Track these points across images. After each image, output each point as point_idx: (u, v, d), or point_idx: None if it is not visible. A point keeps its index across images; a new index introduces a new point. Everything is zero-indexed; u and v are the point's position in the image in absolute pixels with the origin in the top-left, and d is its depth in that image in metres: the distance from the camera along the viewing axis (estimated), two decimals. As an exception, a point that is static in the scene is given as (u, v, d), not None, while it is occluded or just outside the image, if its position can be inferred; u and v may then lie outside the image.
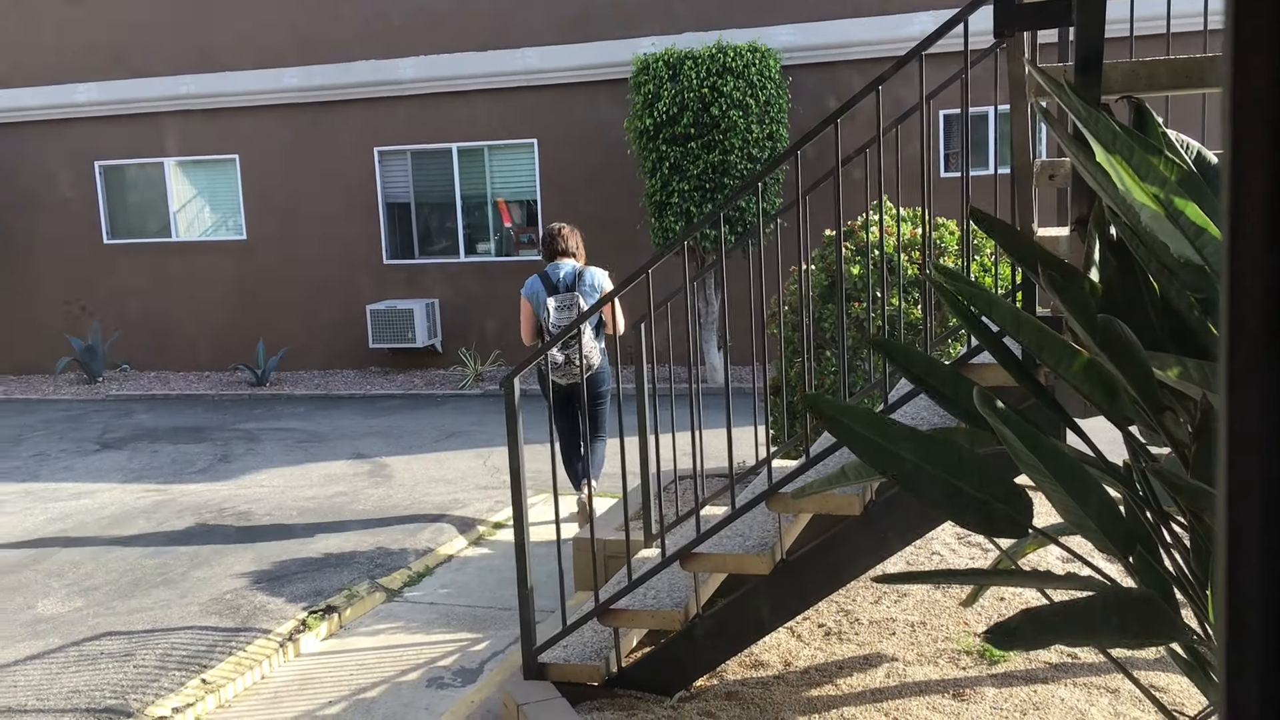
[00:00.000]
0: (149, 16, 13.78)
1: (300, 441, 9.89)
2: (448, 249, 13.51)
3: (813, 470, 3.87)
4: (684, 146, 10.90)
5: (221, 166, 14.01)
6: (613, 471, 7.23)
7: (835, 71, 11.81)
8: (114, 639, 5.22)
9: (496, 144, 13.11)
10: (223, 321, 14.16)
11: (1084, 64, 2.53)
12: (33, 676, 4.82)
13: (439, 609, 5.55)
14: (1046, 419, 3.31)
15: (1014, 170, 3.22)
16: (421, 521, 7.03)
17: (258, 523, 7.16)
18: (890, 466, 2.23)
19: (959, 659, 4.37)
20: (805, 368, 4.05)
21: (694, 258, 11.38)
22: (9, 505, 7.95)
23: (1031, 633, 1.82)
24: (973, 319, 2.30)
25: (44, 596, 5.88)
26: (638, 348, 4.37)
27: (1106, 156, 2.23)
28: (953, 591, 5.08)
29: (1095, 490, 2.11)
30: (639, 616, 4.03)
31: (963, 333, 4.81)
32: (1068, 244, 3.12)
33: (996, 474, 2.22)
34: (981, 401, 2.06)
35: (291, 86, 13.36)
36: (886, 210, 5.87)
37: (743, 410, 4.78)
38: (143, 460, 9.39)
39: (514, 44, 12.74)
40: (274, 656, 4.98)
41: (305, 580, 5.93)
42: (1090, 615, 1.87)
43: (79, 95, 14.00)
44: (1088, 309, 2.18)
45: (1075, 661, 4.26)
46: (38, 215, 14.50)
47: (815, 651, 4.55)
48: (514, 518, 4.10)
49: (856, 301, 5.78)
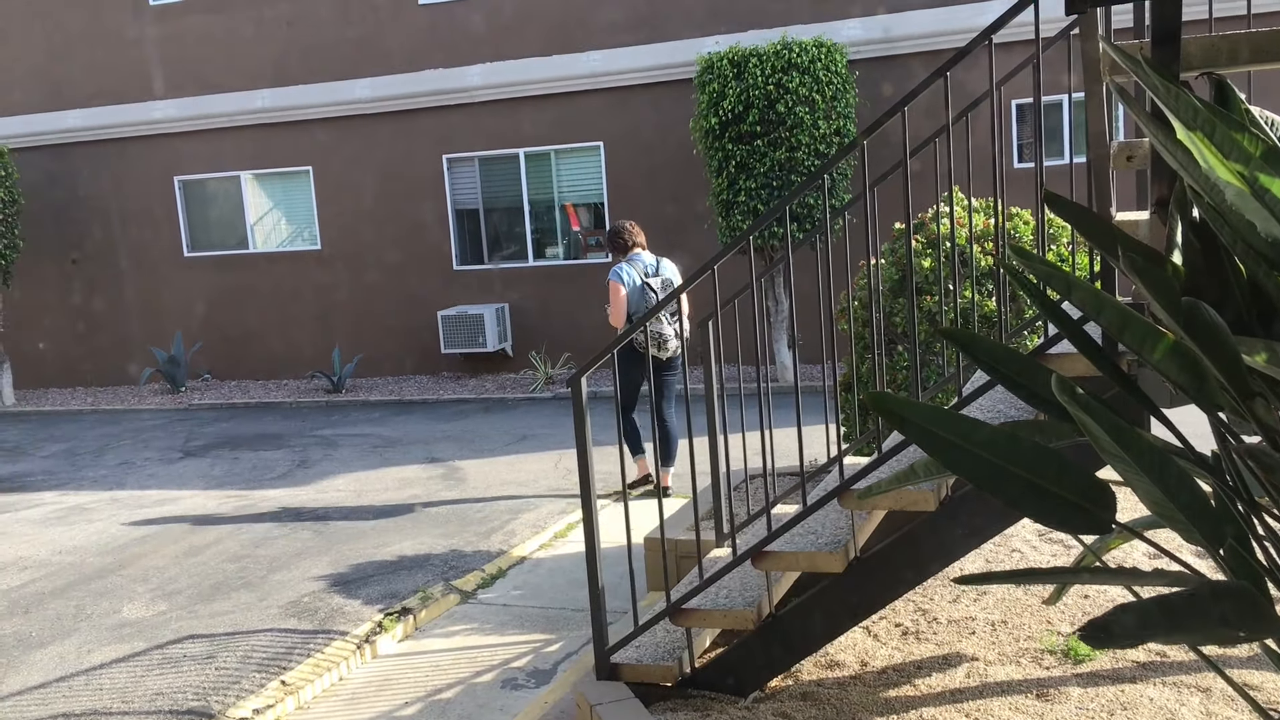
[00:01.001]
0: (224, 33, 14.10)
1: (375, 446, 10.02)
2: (517, 253, 13.60)
3: (885, 466, 3.80)
4: (750, 145, 10.83)
5: (296, 178, 14.27)
6: (682, 471, 7.19)
7: (904, 64, 11.65)
8: (196, 642, 5.32)
9: (563, 148, 13.16)
10: (299, 330, 14.43)
11: (1161, 37, 2.43)
12: (118, 679, 4.93)
13: (512, 610, 5.56)
14: (1130, 409, 3.20)
15: (1090, 153, 3.12)
16: (494, 524, 7.07)
17: (334, 526, 7.26)
18: (961, 463, 2.16)
19: (1042, 658, 4.25)
20: (876, 363, 3.97)
21: (762, 256, 11.30)
22: (96, 513, 8.17)
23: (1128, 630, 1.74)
24: (1050, 304, 2.23)
25: (129, 601, 6.02)
26: (706, 346, 4.33)
27: (1187, 134, 2.14)
28: (1034, 589, 4.95)
29: (1184, 481, 2.02)
30: (711, 616, 3.99)
31: (1039, 324, 4.68)
32: (1148, 227, 3.01)
33: (1077, 467, 2.14)
34: (1060, 389, 1.98)
35: (362, 98, 13.56)
36: (958, 201, 5.75)
37: (813, 408, 4.72)
38: (224, 467, 9.59)
39: (578, 48, 12.79)
40: (351, 658, 5.03)
41: (381, 582, 5.99)
42: (1189, 610, 1.78)
43: (157, 112, 14.37)
44: (1171, 292, 2.09)
45: (1164, 660, 4.12)
46: (121, 230, 14.91)
47: (892, 651, 4.46)
48: (584, 518, 4.08)
49: (928, 295, 5.68)
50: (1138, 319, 2.05)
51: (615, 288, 7.03)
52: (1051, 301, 2.33)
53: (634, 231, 7.17)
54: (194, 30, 14.24)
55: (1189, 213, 2.42)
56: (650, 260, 7.14)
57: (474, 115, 13.37)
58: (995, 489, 2.12)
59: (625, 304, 7.01)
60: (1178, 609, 1.77)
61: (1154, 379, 3.17)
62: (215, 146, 14.38)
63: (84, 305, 15.23)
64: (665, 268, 7.17)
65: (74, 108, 14.68)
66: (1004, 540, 5.61)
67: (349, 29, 13.64)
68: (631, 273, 7.06)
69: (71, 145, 14.83)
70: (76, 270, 15.09)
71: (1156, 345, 2.04)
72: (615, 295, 7.02)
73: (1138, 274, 2.10)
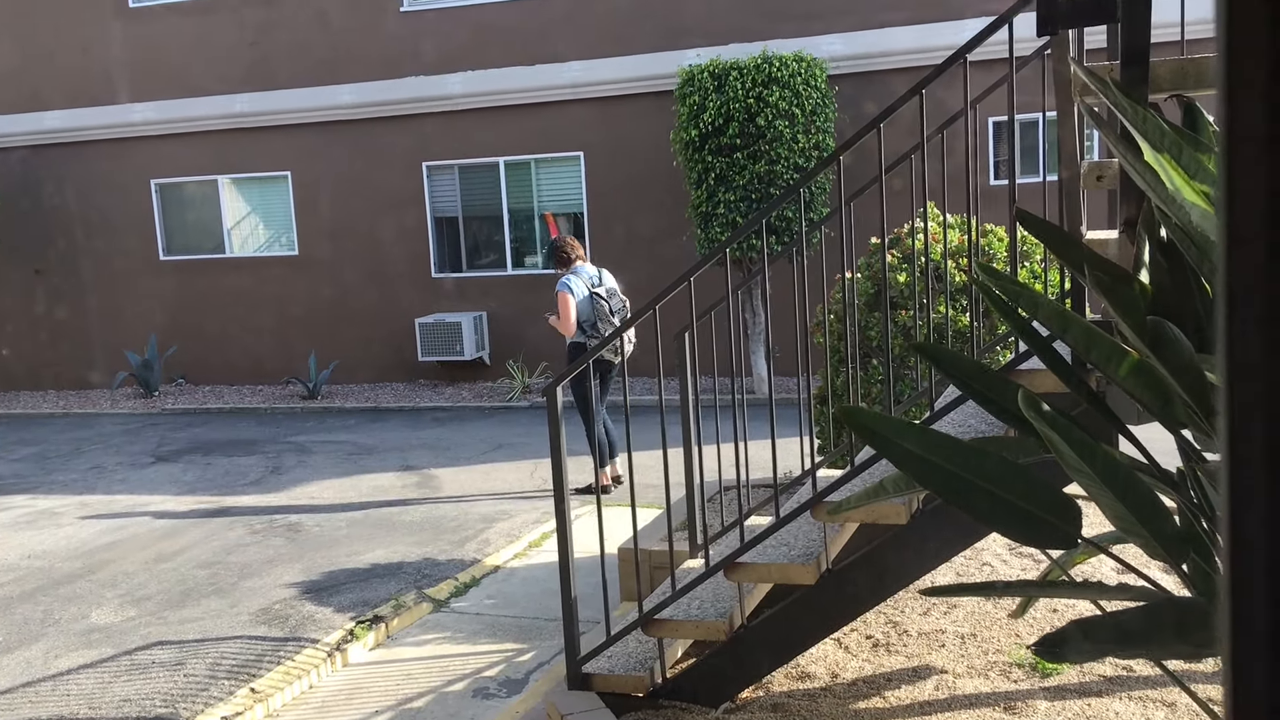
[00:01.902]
0: (204, 36, 14.04)
1: (350, 454, 9.98)
2: (495, 262, 13.60)
3: (857, 480, 3.83)
4: (729, 157, 10.88)
5: (274, 183, 14.21)
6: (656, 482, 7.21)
7: (882, 80, 11.73)
8: (165, 648, 5.28)
9: (543, 157, 13.17)
10: (275, 336, 14.35)
11: (1130, 59, 2.47)
12: (86, 685, 4.89)
13: (485, 619, 5.55)
14: (1097, 426, 3.23)
15: (1061, 171, 3.16)
16: (468, 532, 7.05)
17: (307, 533, 7.22)
18: (931, 478, 2.19)
19: (1010, 672, 4.28)
20: (851, 377, 4.00)
21: (740, 268, 11.35)
22: (65, 517, 8.09)
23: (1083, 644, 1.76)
24: (1019, 321, 2.26)
25: (98, 606, 5.97)
26: (682, 357, 4.35)
27: (1155, 155, 2.18)
28: (1003, 603, 4.99)
29: (1148, 497, 2.06)
30: (683, 627, 4.00)
31: (1012, 340, 4.73)
32: (1117, 246, 3.05)
33: (1044, 483, 2.17)
34: (1028, 405, 2.01)
35: (344, 103, 13.54)
36: (933, 217, 5.80)
37: (788, 420, 4.75)
38: (196, 473, 9.53)
39: (559, 58, 12.81)
40: (322, 666, 5.01)
41: (353, 590, 5.97)
42: (1145, 625, 1.81)
43: (136, 115, 14.29)
44: (1137, 311, 2.13)
45: (1130, 674, 4.16)
46: (96, 232, 14.81)
47: (863, 663, 4.48)
48: (558, 528, 4.09)
49: (903, 309, 5.72)
50: (1104, 338, 2.08)
51: (565, 298, 7.58)
52: (1021, 318, 2.36)
53: (575, 246, 7.86)
54: (174, 33, 14.18)
55: (1156, 233, 2.46)
56: (593, 271, 7.77)
57: (455, 123, 13.37)
58: (964, 503, 2.14)
59: (575, 313, 7.56)
60: (1132, 625, 1.79)
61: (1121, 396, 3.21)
62: (193, 150, 14.31)
63: (57, 308, 15.11)
64: (606, 278, 7.79)
65: (52, 109, 14.58)
66: (974, 554, 5.65)
67: (331, 34, 13.62)
68: (579, 284, 7.62)
69: (49, 146, 14.73)
70: (51, 272, 14.97)
71: (1122, 363, 2.08)
72: (566, 305, 7.57)
73: (1105, 292, 2.13)
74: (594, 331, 7.58)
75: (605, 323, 7.51)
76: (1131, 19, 2.46)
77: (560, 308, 7.59)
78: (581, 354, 6.93)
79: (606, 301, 7.56)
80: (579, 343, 7.64)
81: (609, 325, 7.45)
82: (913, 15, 11.69)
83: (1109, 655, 1.78)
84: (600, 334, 7.44)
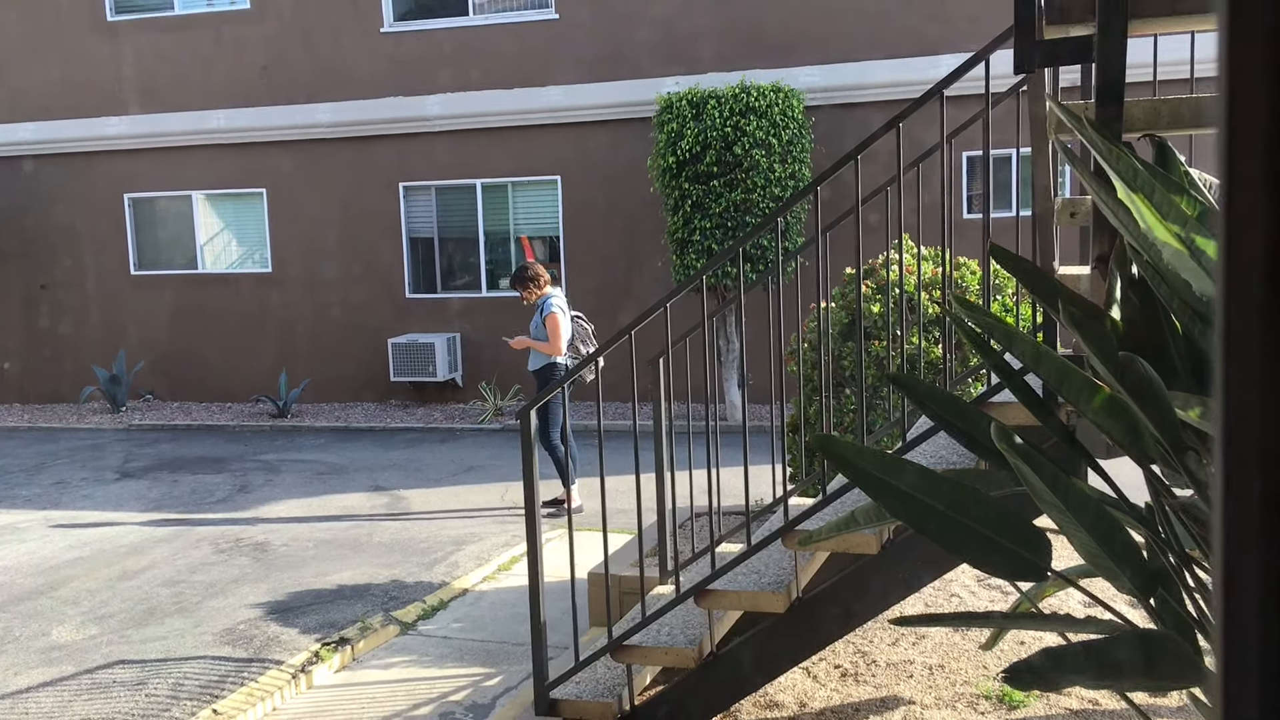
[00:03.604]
0: (180, 51, 14.00)
1: (319, 473, 9.90)
2: (470, 284, 13.58)
3: (829, 508, 3.84)
4: (706, 185, 10.94)
5: (249, 200, 14.15)
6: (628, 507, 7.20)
7: (859, 112, 11.85)
8: (127, 667, 5.20)
9: (520, 180, 13.19)
10: (246, 353, 14.25)
11: (1105, 98, 2.51)
12: (45, 704, 4.81)
13: (452, 643, 5.51)
14: (1067, 460, 3.26)
15: (1035, 207, 3.21)
16: (437, 555, 7.01)
17: (274, 553, 7.15)
18: (902, 509, 2.20)
19: (977, 703, 4.29)
20: (824, 405, 4.02)
21: (715, 295, 11.39)
22: (28, 533, 7.98)
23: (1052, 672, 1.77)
24: (992, 353, 2.28)
25: (59, 624, 5.88)
26: (656, 383, 4.35)
27: (1128, 193, 2.21)
28: (972, 634, 5.00)
29: (1117, 531, 2.08)
30: (652, 653, 3.99)
31: (984, 372, 4.77)
32: (1089, 282, 3.09)
33: (1015, 515, 2.19)
34: (999, 436, 2.03)
35: (322, 122, 13.52)
36: (907, 249, 5.85)
37: (761, 448, 4.76)
38: (162, 490, 9.42)
39: (539, 82, 12.86)
40: (286, 688, 4.95)
41: (319, 612, 5.91)
42: (1113, 655, 1.82)
43: (110, 129, 14.20)
44: (1109, 346, 2.15)
45: (1096, 708, 4.18)
46: (67, 246, 14.68)
47: (831, 693, 4.48)
48: (528, 551, 4.07)
49: (876, 340, 5.76)
50: (1076, 372, 2.10)
51: (556, 319, 7.72)
52: (994, 351, 2.38)
53: (546, 272, 8.09)
54: (152, 48, 14.13)
55: (1128, 269, 2.49)
56: (562, 295, 8.05)
57: (432, 144, 13.38)
58: (935, 534, 2.16)
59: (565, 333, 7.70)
60: (1103, 654, 1.81)
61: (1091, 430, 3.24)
62: (168, 165, 14.23)
63: (24, 320, 14.94)
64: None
65: (25, 120, 14.47)
66: (943, 585, 5.67)
67: (310, 53, 13.61)
68: (564, 305, 7.85)
69: (20, 158, 14.61)
70: (19, 285, 14.81)
71: (1093, 398, 2.10)
72: (557, 326, 7.69)
73: (1077, 327, 2.16)
74: (571, 352, 7.82)
75: (585, 344, 7.84)
76: (1107, 59, 2.50)
77: (550, 329, 7.71)
78: (557, 374, 7.52)
79: (586, 324, 7.94)
80: (556, 363, 7.74)
81: (590, 345, 7.81)
82: (890, 50, 11.83)
83: (1076, 684, 1.80)
84: (580, 354, 7.71)
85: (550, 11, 12.87)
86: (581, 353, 7.81)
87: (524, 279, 8.06)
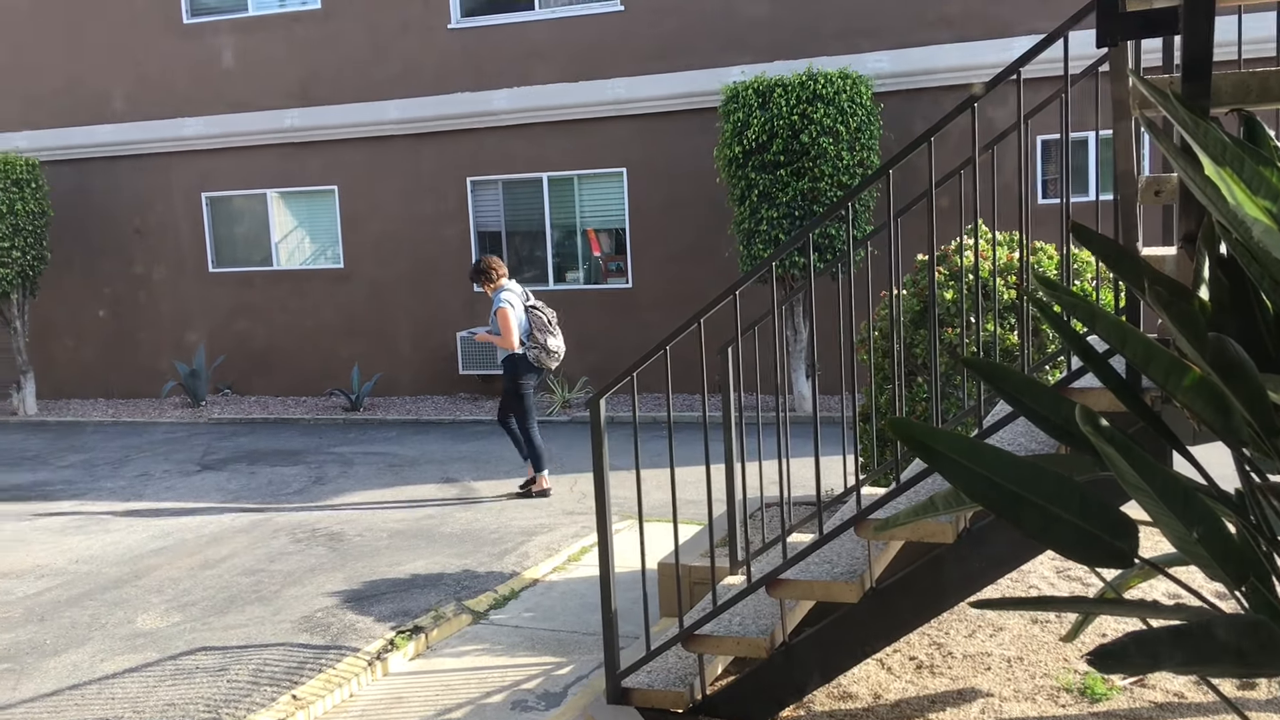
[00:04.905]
0: (254, 51, 14.26)
1: (391, 465, 10.04)
2: (537, 277, 13.65)
3: (903, 497, 3.78)
4: (773, 174, 10.86)
5: (321, 197, 14.38)
6: (698, 498, 7.17)
7: (930, 97, 11.67)
8: (209, 654, 5.32)
9: (586, 173, 13.23)
10: (320, 348, 14.49)
11: (1191, 72, 2.43)
12: (130, 689, 4.94)
13: (524, 632, 5.55)
14: (1154, 445, 3.18)
15: (1117, 185, 3.12)
16: (508, 545, 7.06)
17: (349, 543, 7.26)
18: (984, 493, 2.15)
19: (1058, 696, 4.21)
20: (896, 394, 3.97)
21: (782, 285, 11.31)
22: (113, 524, 8.20)
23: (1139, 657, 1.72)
24: (1074, 336, 2.22)
25: (143, 611, 6.03)
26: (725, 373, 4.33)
27: (1216, 169, 2.14)
28: (1051, 627, 4.90)
29: (1207, 516, 2.01)
30: (724, 643, 3.97)
31: (1061, 359, 4.66)
32: (1175, 262, 3.00)
33: (1100, 500, 2.13)
34: (1085, 419, 1.97)
35: (391, 119, 13.68)
36: (981, 234, 5.74)
37: (831, 439, 4.71)
38: (241, 481, 9.62)
39: (604, 75, 12.87)
40: (362, 675, 5.02)
41: (393, 600, 5.99)
42: (1204, 641, 1.76)
43: (187, 129, 14.52)
44: (1197, 327, 2.08)
45: (1181, 701, 4.07)
46: (147, 245, 15.05)
47: (906, 685, 4.42)
48: (599, 541, 4.08)
49: (949, 327, 5.66)
50: (1164, 352, 2.04)
51: (506, 313, 8.07)
52: (1076, 334, 2.32)
53: (500, 265, 8.33)
54: (226, 49, 14.41)
55: (1216, 248, 2.41)
56: (518, 287, 8.34)
57: (499, 139, 13.47)
58: (1018, 520, 2.11)
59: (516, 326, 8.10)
60: (1192, 639, 1.75)
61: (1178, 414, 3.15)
62: (242, 164, 14.52)
63: (109, 318, 15.35)
64: (529, 292, 8.40)
65: (106, 122, 14.85)
66: (1021, 576, 5.56)
67: (379, 51, 13.78)
68: (516, 299, 8.18)
69: (102, 159, 15.00)
70: (101, 283, 15.23)
71: (1183, 378, 2.03)
72: (507, 319, 8.06)
73: (1164, 307, 2.09)
74: (530, 342, 8.16)
75: (543, 332, 8.14)
76: (1193, 30, 2.42)
77: (500, 323, 8.07)
78: (521, 364, 8.16)
79: (541, 312, 8.18)
80: (518, 355, 8.19)
81: (547, 334, 8.15)
82: (959, 33, 11.63)
83: (1164, 669, 1.74)
84: (540, 343, 8.11)
85: (615, 4, 12.86)
86: (540, 341, 8.09)
87: (479, 272, 8.35)
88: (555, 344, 8.19)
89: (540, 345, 8.13)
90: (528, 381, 8.26)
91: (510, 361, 8.23)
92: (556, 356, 8.23)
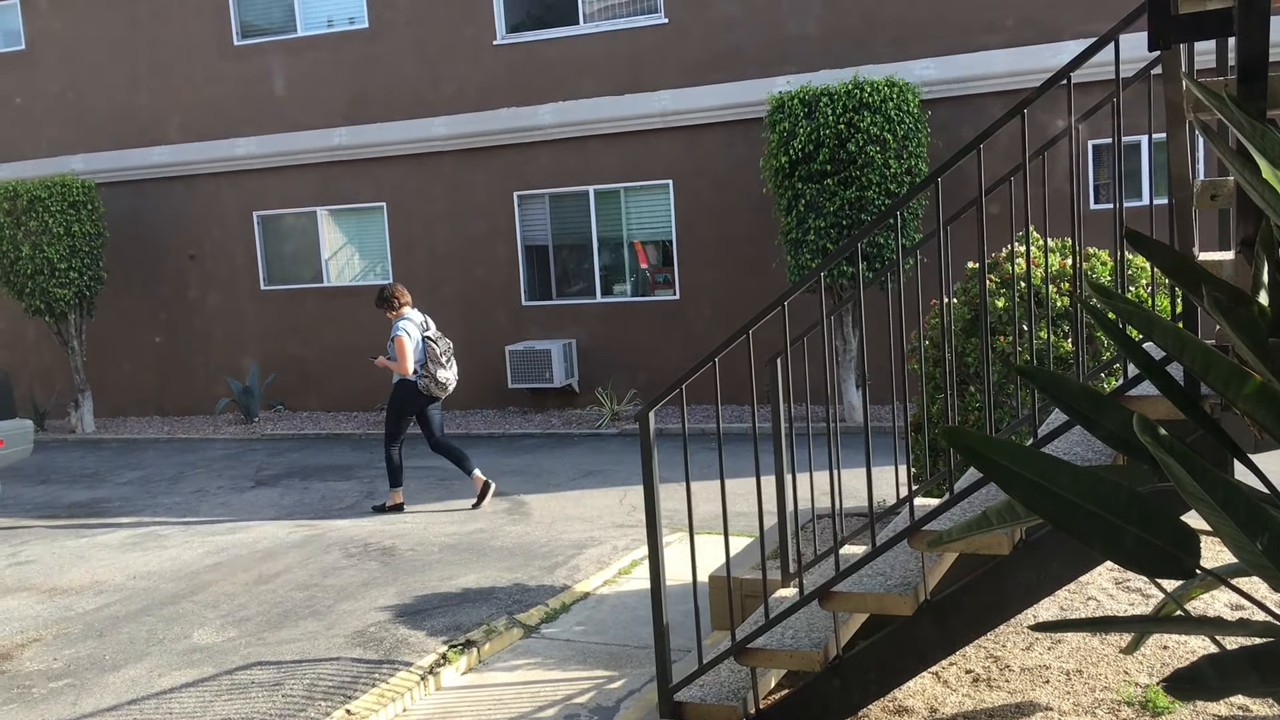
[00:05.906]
0: (303, 71, 14.47)
1: (441, 479, 10.10)
2: (585, 290, 13.69)
3: (956, 508, 3.73)
4: (820, 184, 10.81)
5: (370, 214, 14.55)
6: (748, 510, 7.14)
7: (977, 104, 11.57)
8: (264, 669, 5.38)
9: (632, 186, 13.26)
10: (370, 364, 14.62)
11: (1247, 73, 2.38)
12: (187, 704, 5.00)
13: (575, 646, 5.55)
14: (1214, 454, 3.11)
15: (1172, 189, 3.06)
16: (558, 559, 7.07)
17: (400, 558, 7.31)
18: (1041, 504, 2.11)
19: (1119, 709, 4.13)
20: (948, 404, 3.92)
21: (830, 295, 11.24)
22: (170, 539, 8.33)
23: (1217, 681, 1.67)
24: (1131, 343, 2.18)
25: (200, 626, 6.11)
26: (774, 384, 4.30)
27: (1274, 172, 2.10)
28: (1111, 638, 4.81)
29: (1271, 526, 1.96)
30: (777, 656, 3.94)
31: (1116, 367, 4.59)
32: (1233, 267, 2.94)
33: (1161, 510, 2.09)
34: (1143, 429, 1.93)
35: (438, 135, 13.81)
36: (1033, 241, 5.67)
37: (882, 450, 4.66)
38: (294, 497, 9.74)
39: (649, 87, 12.90)
40: (415, 689, 5.05)
41: (445, 614, 6.02)
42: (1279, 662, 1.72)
43: (239, 149, 14.76)
44: (1257, 333, 2.04)
45: (1246, 715, 3.98)
46: (201, 263, 15.30)
47: (963, 699, 4.36)
48: (650, 554, 4.07)
49: (1001, 335, 5.59)
50: (1223, 359, 2.00)
51: (403, 341, 8.53)
52: (1133, 341, 2.28)
53: (404, 293, 8.83)
54: (276, 70, 14.64)
55: (1275, 253, 2.36)
56: (419, 317, 8.76)
57: (545, 153, 13.54)
58: (1076, 531, 2.07)
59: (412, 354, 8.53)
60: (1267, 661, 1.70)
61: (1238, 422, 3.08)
62: (293, 182, 14.73)
63: (163, 337, 15.62)
64: (430, 322, 8.82)
65: (160, 144, 15.14)
66: (1079, 588, 5.47)
67: (426, 68, 13.93)
68: (414, 328, 8.61)
69: (157, 180, 15.29)
70: (156, 302, 15.50)
71: (1242, 387, 1.99)
72: (404, 347, 8.52)
73: (1222, 313, 2.05)
74: (423, 371, 8.56)
75: (434, 363, 8.55)
76: (1249, 32, 2.37)
77: (397, 350, 8.54)
78: (409, 390, 8.63)
79: (435, 344, 8.59)
80: (410, 381, 8.61)
81: (438, 365, 8.56)
82: (1009, 38, 11.53)
83: (1242, 693, 1.70)
84: (430, 374, 8.54)
85: (659, 16, 12.90)
86: (430, 372, 8.53)
87: (383, 300, 8.82)
88: (444, 376, 8.61)
89: (430, 375, 8.56)
90: (410, 404, 8.69)
91: (401, 386, 8.68)
92: (445, 388, 8.65)
